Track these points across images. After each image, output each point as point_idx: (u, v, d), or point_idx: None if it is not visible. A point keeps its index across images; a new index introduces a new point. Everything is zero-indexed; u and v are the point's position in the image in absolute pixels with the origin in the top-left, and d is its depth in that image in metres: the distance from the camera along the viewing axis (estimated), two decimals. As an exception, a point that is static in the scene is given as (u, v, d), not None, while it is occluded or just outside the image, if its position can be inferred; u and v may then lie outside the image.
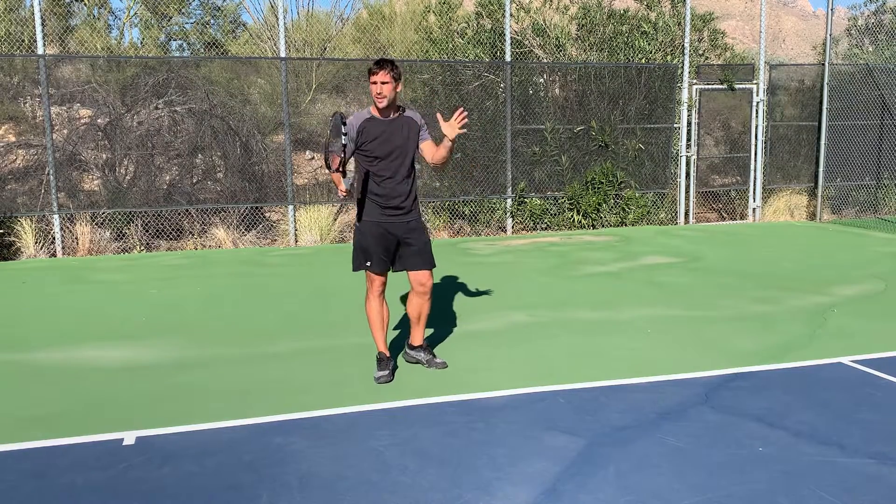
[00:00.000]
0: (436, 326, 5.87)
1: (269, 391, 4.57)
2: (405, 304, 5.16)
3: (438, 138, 4.70)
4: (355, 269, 4.73)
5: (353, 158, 4.68)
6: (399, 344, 5.36)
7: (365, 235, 4.66)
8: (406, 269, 4.78)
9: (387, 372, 4.72)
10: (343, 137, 4.41)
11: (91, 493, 3.32)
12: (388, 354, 4.82)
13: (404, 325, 5.28)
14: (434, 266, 4.83)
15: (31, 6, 9.30)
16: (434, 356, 4.96)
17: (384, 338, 4.83)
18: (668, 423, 4.02)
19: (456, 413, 4.19)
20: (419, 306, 4.85)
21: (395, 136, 4.58)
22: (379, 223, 4.64)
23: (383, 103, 4.50)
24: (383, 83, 4.45)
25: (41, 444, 3.83)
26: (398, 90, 4.55)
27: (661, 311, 6.40)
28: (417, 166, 4.87)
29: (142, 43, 11.46)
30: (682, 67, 11.75)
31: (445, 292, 7.08)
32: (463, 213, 11.22)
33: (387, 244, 4.66)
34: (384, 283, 4.74)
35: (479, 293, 7.07)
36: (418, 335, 4.96)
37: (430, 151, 4.69)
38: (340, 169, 4.42)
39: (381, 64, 4.46)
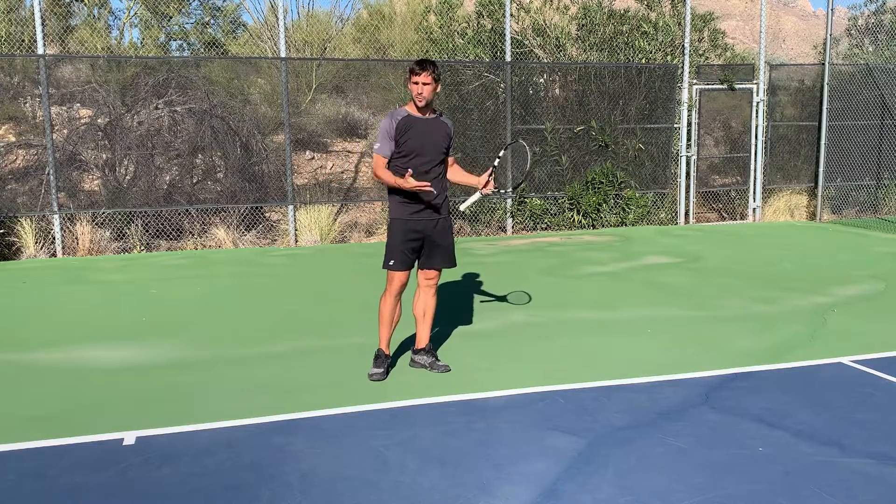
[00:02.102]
0: (436, 326, 5.85)
1: (269, 391, 4.57)
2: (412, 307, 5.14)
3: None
4: (384, 266, 4.77)
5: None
6: (403, 346, 5.36)
7: (393, 233, 4.72)
8: (423, 266, 4.83)
9: (381, 370, 4.74)
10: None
11: (91, 493, 3.32)
12: (387, 353, 4.83)
13: (411, 330, 5.25)
14: (453, 266, 4.92)
15: (31, 6, 9.30)
16: (437, 359, 4.96)
17: (389, 337, 4.84)
18: (668, 423, 4.02)
19: (456, 413, 4.19)
20: (424, 302, 4.90)
21: (430, 134, 4.67)
22: (407, 220, 4.69)
23: (422, 103, 4.60)
24: (424, 84, 4.55)
25: (41, 444, 3.83)
26: (437, 91, 4.65)
27: (661, 311, 6.40)
28: None
29: (142, 43, 11.47)
30: (683, 67, 11.74)
31: (446, 292, 7.07)
32: (463, 212, 11.21)
33: (413, 242, 4.71)
34: (404, 285, 4.77)
35: (479, 293, 7.07)
36: (423, 335, 4.96)
37: (451, 169, 4.91)
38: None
39: (424, 65, 4.54)
